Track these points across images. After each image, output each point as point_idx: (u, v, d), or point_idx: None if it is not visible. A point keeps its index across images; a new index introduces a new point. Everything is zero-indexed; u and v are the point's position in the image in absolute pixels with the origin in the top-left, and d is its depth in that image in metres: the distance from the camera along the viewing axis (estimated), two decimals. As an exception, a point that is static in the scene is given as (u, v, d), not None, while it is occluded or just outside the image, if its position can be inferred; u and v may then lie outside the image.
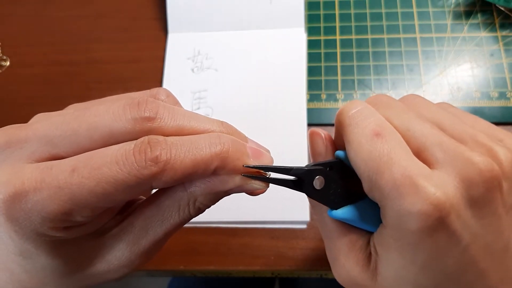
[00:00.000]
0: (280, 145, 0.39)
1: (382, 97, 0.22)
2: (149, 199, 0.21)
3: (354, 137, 0.20)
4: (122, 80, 0.44)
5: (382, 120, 0.20)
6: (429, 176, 0.18)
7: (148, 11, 0.47)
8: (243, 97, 0.42)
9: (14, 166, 0.18)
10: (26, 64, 0.46)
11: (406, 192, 0.18)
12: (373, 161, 0.19)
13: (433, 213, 0.17)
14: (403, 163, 0.18)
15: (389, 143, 0.19)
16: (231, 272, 0.37)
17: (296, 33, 0.44)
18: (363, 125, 0.20)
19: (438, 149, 0.19)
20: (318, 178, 0.21)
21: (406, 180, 0.18)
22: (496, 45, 0.41)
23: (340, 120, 0.21)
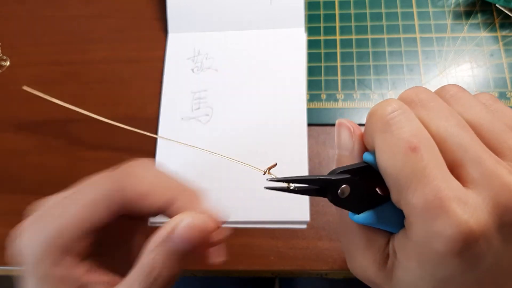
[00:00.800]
0: (280, 145, 0.39)
1: (420, 92, 0.20)
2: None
3: (387, 147, 0.19)
4: (122, 80, 0.44)
5: (419, 128, 0.18)
6: (463, 200, 0.17)
7: (148, 11, 0.47)
8: (243, 97, 0.42)
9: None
10: (26, 64, 0.46)
11: (437, 214, 0.17)
12: (406, 176, 0.18)
13: (463, 240, 0.17)
14: (437, 183, 0.17)
15: (424, 159, 0.18)
16: (231, 272, 0.37)
17: (296, 33, 0.44)
18: (397, 134, 0.18)
19: (475, 168, 0.18)
20: (344, 187, 0.21)
21: (438, 202, 0.17)
22: (496, 45, 0.41)
23: (372, 123, 0.20)
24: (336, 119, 0.40)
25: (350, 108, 0.40)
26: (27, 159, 0.41)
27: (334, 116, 0.40)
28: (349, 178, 0.21)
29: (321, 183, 0.21)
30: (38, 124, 0.43)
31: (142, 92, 0.43)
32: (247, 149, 0.29)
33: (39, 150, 0.42)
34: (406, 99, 0.20)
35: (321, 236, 0.36)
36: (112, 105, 0.43)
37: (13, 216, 0.39)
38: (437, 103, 0.20)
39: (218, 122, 0.41)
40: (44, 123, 0.43)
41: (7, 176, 0.41)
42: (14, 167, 0.41)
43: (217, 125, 0.41)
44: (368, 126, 0.20)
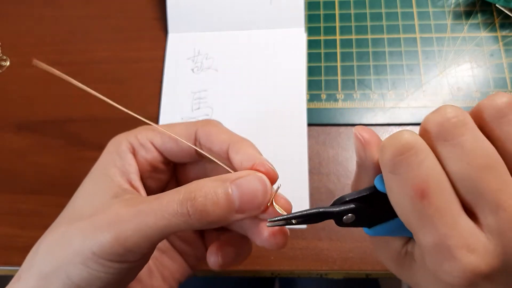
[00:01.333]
0: (280, 145, 0.39)
1: (450, 118, 0.18)
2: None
3: (396, 188, 0.18)
4: (122, 80, 0.44)
5: (431, 171, 0.17)
6: (471, 248, 0.17)
7: (148, 11, 0.47)
8: (243, 97, 0.42)
9: None
10: (26, 64, 0.46)
11: (445, 259, 0.17)
12: (415, 221, 0.18)
13: (469, 281, 0.17)
14: (445, 231, 0.17)
15: (433, 205, 0.17)
16: (231, 272, 0.37)
17: (296, 33, 0.44)
18: (406, 178, 0.18)
19: (493, 217, 0.17)
20: (348, 216, 0.21)
21: (446, 249, 0.17)
22: (496, 45, 0.41)
23: (383, 158, 0.18)
24: (336, 119, 0.40)
25: (350, 108, 0.40)
26: (27, 158, 0.41)
27: (334, 116, 0.40)
28: (353, 208, 0.21)
29: (324, 217, 0.21)
30: (38, 124, 0.43)
31: (142, 92, 0.43)
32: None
33: (39, 150, 0.42)
34: (429, 129, 0.18)
35: (321, 236, 0.36)
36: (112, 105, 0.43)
37: (13, 216, 0.39)
38: (465, 136, 0.17)
39: (218, 122, 0.41)
40: (44, 123, 0.43)
41: (7, 175, 0.41)
42: (14, 166, 0.41)
43: (217, 125, 0.41)
44: (380, 158, 0.19)
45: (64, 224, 0.23)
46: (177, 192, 0.21)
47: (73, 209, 0.24)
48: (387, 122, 0.39)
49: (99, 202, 0.23)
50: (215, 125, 0.26)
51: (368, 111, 0.40)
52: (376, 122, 0.39)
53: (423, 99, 0.40)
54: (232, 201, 0.21)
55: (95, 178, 0.25)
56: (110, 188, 0.23)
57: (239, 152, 0.24)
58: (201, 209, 0.21)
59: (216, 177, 0.22)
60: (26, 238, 0.38)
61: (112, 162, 0.25)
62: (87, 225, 0.22)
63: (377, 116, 0.39)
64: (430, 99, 0.40)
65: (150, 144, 0.26)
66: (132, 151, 0.26)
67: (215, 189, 0.21)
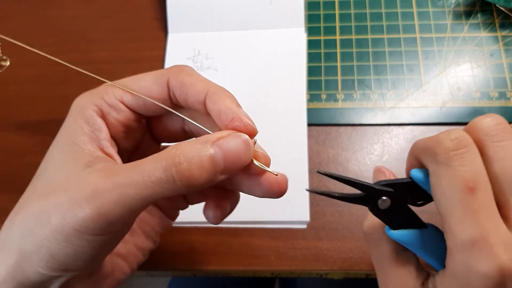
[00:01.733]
0: (280, 145, 0.39)
1: (495, 125, 0.20)
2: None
3: (446, 181, 0.19)
4: (122, 80, 0.44)
5: (480, 169, 0.19)
6: (509, 246, 0.18)
7: (148, 11, 0.47)
8: (243, 97, 0.41)
9: None
10: (26, 64, 0.46)
11: (479, 251, 0.18)
12: (458, 213, 0.19)
13: (500, 281, 0.18)
14: (486, 226, 0.18)
15: (479, 201, 0.19)
16: (231, 272, 0.37)
17: (296, 33, 0.44)
18: (459, 171, 0.19)
19: None
20: (383, 199, 0.21)
21: (483, 242, 0.18)
22: (496, 45, 0.41)
23: (436, 149, 0.20)
24: (336, 119, 0.40)
25: (350, 108, 0.40)
26: (27, 158, 0.41)
27: (334, 116, 0.40)
28: (391, 192, 0.21)
29: (363, 189, 0.21)
30: (38, 123, 0.43)
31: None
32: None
33: (39, 150, 0.42)
34: (479, 128, 0.20)
35: (321, 236, 0.36)
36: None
37: (13, 216, 0.39)
38: (510, 141, 0.19)
39: (218, 122, 0.41)
40: (44, 123, 0.43)
41: (7, 175, 0.41)
42: (14, 166, 0.41)
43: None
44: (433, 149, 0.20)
45: (38, 199, 0.22)
46: (158, 159, 0.20)
47: (44, 181, 0.23)
48: (387, 122, 0.39)
49: (71, 172, 0.22)
50: (189, 74, 0.24)
51: (368, 111, 0.40)
52: (376, 122, 0.39)
53: (423, 99, 0.40)
54: (216, 163, 0.21)
55: (63, 148, 0.23)
56: (81, 157, 0.22)
57: (217, 103, 0.23)
58: (187, 174, 0.20)
59: (197, 139, 0.21)
60: (26, 238, 0.38)
61: (79, 129, 0.23)
62: (64, 201, 0.20)
63: (377, 116, 0.39)
64: (430, 99, 0.40)
65: (120, 103, 0.24)
66: (100, 114, 0.24)
67: (199, 152, 0.20)
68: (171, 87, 0.24)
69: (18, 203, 0.23)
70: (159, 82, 0.24)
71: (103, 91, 0.25)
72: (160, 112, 0.25)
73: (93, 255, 0.22)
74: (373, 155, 0.39)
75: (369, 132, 0.40)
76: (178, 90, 0.24)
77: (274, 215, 0.37)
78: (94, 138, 0.23)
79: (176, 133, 0.27)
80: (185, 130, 0.27)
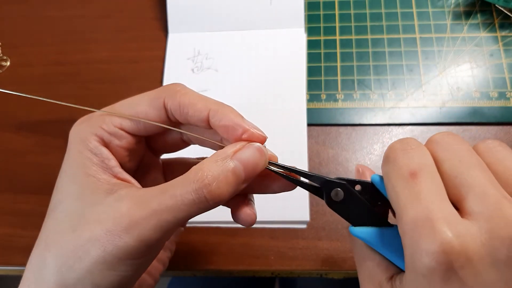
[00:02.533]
0: (280, 145, 0.39)
1: (449, 136, 0.21)
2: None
3: (391, 173, 0.20)
4: (122, 80, 0.44)
5: (425, 162, 0.20)
6: (453, 223, 0.17)
7: (148, 11, 0.47)
8: (243, 97, 0.42)
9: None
10: (26, 64, 0.46)
11: (423, 233, 0.18)
12: (403, 198, 0.19)
13: (444, 259, 0.17)
14: (429, 205, 0.18)
15: (422, 183, 0.19)
16: (231, 272, 0.37)
17: (296, 33, 0.44)
18: (402, 162, 0.20)
19: (479, 202, 0.18)
20: (336, 190, 0.23)
21: (426, 222, 0.18)
22: (495, 45, 0.41)
23: (386, 153, 0.21)
24: (336, 119, 0.40)
25: (350, 108, 0.40)
26: (27, 158, 0.41)
27: (334, 116, 0.40)
28: (343, 184, 0.22)
29: (315, 180, 0.23)
30: (38, 124, 0.43)
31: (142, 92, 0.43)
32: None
33: (39, 150, 0.42)
34: (433, 139, 0.21)
35: (321, 236, 0.36)
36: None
37: (13, 216, 0.39)
38: (460, 147, 0.20)
39: (218, 122, 0.41)
40: (44, 123, 0.43)
41: (7, 175, 0.41)
42: (14, 166, 0.41)
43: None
44: (385, 154, 0.22)
45: (68, 234, 0.22)
46: (188, 181, 0.22)
47: (65, 215, 0.23)
48: (386, 122, 0.39)
49: (95, 203, 0.22)
50: (184, 93, 0.24)
51: (368, 111, 0.40)
52: (376, 122, 0.39)
53: (422, 99, 0.40)
54: (239, 175, 0.22)
55: (76, 180, 0.24)
56: (99, 186, 0.23)
57: (222, 120, 0.24)
58: (218, 192, 0.21)
59: (216, 155, 0.23)
60: (27, 238, 0.38)
61: (88, 161, 0.24)
62: (100, 233, 0.21)
63: (377, 116, 0.40)
64: (429, 99, 0.40)
65: (120, 131, 0.25)
66: (103, 143, 0.24)
67: (222, 169, 0.22)
68: (168, 109, 0.25)
69: (42, 238, 0.24)
70: (155, 106, 0.25)
71: (101, 120, 0.25)
72: (160, 130, 0.26)
73: (134, 275, 0.23)
74: (373, 155, 0.39)
75: (369, 132, 0.40)
76: (177, 112, 0.24)
77: (274, 215, 0.37)
78: (105, 167, 0.24)
79: (175, 145, 0.28)
80: (184, 139, 0.27)
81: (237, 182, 0.22)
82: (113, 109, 0.25)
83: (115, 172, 0.24)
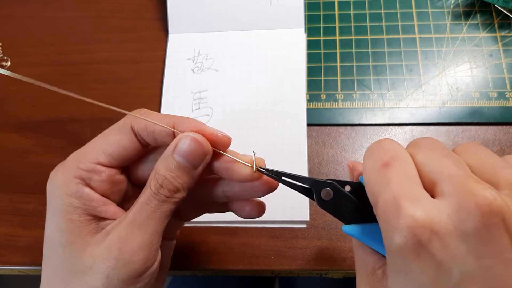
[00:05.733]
0: (280, 145, 0.39)
1: (427, 139, 0.22)
2: None
3: (367, 166, 0.21)
4: (123, 80, 0.44)
5: (398, 153, 0.21)
6: (419, 200, 0.18)
7: (149, 11, 0.47)
8: (243, 97, 0.42)
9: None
10: (27, 65, 0.46)
11: (392, 213, 0.18)
12: (376, 186, 0.20)
13: (411, 234, 0.17)
14: (396, 187, 0.19)
15: (393, 171, 0.20)
16: (231, 271, 0.37)
17: (296, 33, 0.44)
18: (377, 156, 0.21)
19: (447, 182, 0.18)
20: (325, 190, 0.23)
21: (394, 202, 0.18)
22: (495, 45, 0.41)
23: (365, 152, 0.23)
24: (335, 119, 0.40)
25: (350, 108, 0.40)
26: (28, 158, 0.42)
27: (334, 116, 0.40)
28: (332, 184, 0.23)
29: (305, 182, 0.24)
30: (39, 124, 0.43)
31: (143, 92, 0.43)
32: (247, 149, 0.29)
33: (40, 150, 0.42)
34: (411, 142, 0.23)
35: (320, 235, 0.36)
36: (113, 105, 0.43)
37: (13, 216, 0.40)
38: (436, 146, 0.21)
39: (218, 122, 0.41)
40: (45, 123, 0.43)
41: (8, 175, 0.41)
42: (15, 166, 0.41)
43: (217, 125, 0.41)
44: (364, 154, 0.23)
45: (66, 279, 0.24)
46: (147, 189, 0.25)
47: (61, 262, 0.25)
48: (386, 122, 0.39)
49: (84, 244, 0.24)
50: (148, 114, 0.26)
51: (368, 111, 0.40)
52: (375, 122, 0.39)
53: (422, 99, 0.40)
54: (184, 166, 0.25)
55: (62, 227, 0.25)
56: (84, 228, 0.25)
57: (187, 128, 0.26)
58: (171, 187, 0.24)
59: (161, 158, 0.25)
60: (27, 237, 0.38)
61: (69, 206, 0.25)
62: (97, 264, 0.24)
63: (377, 116, 0.40)
64: (429, 99, 0.40)
65: (98, 165, 0.26)
66: (84, 183, 0.25)
67: (167, 167, 0.24)
68: (136, 132, 0.26)
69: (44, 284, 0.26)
70: (124, 132, 0.26)
71: (76, 161, 0.26)
72: (135, 157, 0.27)
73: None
74: (373, 155, 0.39)
75: (369, 132, 0.40)
76: (144, 132, 0.26)
77: (274, 215, 0.37)
78: (88, 209, 0.25)
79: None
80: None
81: (185, 171, 0.25)
82: (86, 148, 0.26)
83: (99, 211, 0.25)
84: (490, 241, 0.17)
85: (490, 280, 0.17)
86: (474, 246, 0.17)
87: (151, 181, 0.25)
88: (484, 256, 0.17)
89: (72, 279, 0.24)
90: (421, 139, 0.22)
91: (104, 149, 0.26)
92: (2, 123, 0.44)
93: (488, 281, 0.17)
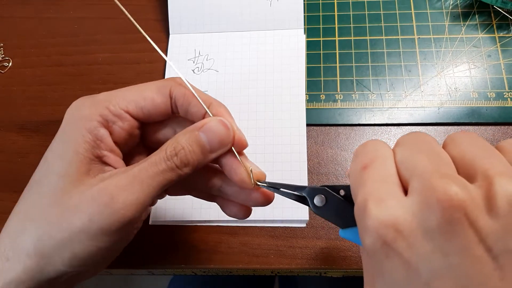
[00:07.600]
0: (280, 145, 0.39)
1: (405, 135, 0.22)
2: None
3: (351, 169, 0.22)
4: (124, 81, 0.45)
5: (378, 154, 0.21)
6: (385, 200, 0.18)
7: (149, 12, 0.48)
8: (243, 97, 0.42)
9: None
10: (28, 65, 0.46)
11: (361, 215, 0.18)
12: (354, 189, 0.20)
13: (376, 234, 0.17)
14: (368, 189, 0.19)
15: (370, 173, 0.20)
16: (231, 270, 0.37)
17: (296, 34, 0.44)
18: (359, 159, 0.21)
19: (416, 179, 0.18)
20: (318, 196, 0.24)
21: (363, 204, 0.18)
22: (493, 46, 0.42)
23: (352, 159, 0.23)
24: (335, 119, 0.40)
25: (349, 109, 0.40)
26: (29, 158, 0.42)
27: (333, 116, 0.40)
28: (324, 190, 0.24)
29: (299, 190, 0.25)
30: (40, 124, 0.43)
31: (143, 93, 0.44)
32: (247, 149, 0.29)
33: (41, 150, 0.42)
34: (398, 139, 0.22)
35: (320, 235, 0.36)
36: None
37: (16, 215, 0.40)
38: (418, 140, 0.21)
39: (219, 122, 0.41)
40: (46, 123, 0.43)
41: (9, 175, 0.41)
42: (16, 166, 0.42)
43: (218, 125, 0.41)
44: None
45: (50, 205, 0.24)
46: (161, 151, 0.25)
47: (49, 189, 0.25)
48: (385, 122, 0.40)
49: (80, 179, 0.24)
50: (186, 87, 0.27)
51: (367, 112, 0.40)
52: (374, 122, 0.40)
53: (421, 99, 0.40)
54: (204, 145, 0.25)
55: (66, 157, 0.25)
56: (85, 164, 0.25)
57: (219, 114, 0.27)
58: (185, 160, 0.25)
59: (186, 130, 0.26)
60: (29, 237, 0.38)
61: (81, 138, 0.25)
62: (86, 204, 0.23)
63: (376, 117, 0.40)
64: (428, 100, 0.40)
65: (125, 113, 0.26)
66: (105, 124, 0.26)
67: (189, 140, 0.25)
68: (173, 98, 0.27)
69: (22, 208, 0.25)
70: (162, 93, 0.27)
71: (107, 101, 0.26)
72: (159, 119, 0.28)
73: (111, 252, 0.25)
74: (372, 155, 0.39)
75: (368, 132, 0.40)
76: (180, 100, 0.27)
77: (274, 214, 0.37)
78: (95, 147, 0.25)
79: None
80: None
81: (202, 151, 0.25)
82: (119, 92, 0.27)
83: (104, 155, 0.26)
84: (455, 237, 0.16)
85: (459, 277, 0.16)
86: (439, 243, 0.16)
87: (167, 146, 0.25)
88: (450, 253, 0.16)
89: (53, 209, 0.24)
90: (405, 135, 0.22)
91: (137, 101, 0.26)
92: (3, 123, 0.44)
93: (458, 278, 0.16)
